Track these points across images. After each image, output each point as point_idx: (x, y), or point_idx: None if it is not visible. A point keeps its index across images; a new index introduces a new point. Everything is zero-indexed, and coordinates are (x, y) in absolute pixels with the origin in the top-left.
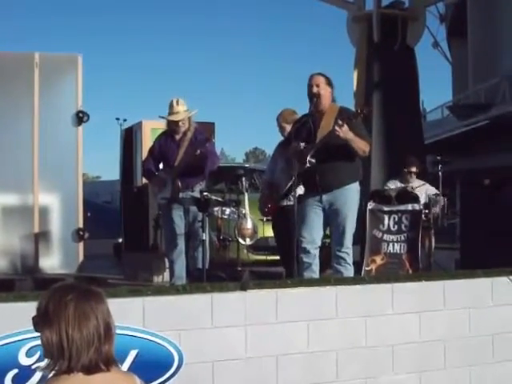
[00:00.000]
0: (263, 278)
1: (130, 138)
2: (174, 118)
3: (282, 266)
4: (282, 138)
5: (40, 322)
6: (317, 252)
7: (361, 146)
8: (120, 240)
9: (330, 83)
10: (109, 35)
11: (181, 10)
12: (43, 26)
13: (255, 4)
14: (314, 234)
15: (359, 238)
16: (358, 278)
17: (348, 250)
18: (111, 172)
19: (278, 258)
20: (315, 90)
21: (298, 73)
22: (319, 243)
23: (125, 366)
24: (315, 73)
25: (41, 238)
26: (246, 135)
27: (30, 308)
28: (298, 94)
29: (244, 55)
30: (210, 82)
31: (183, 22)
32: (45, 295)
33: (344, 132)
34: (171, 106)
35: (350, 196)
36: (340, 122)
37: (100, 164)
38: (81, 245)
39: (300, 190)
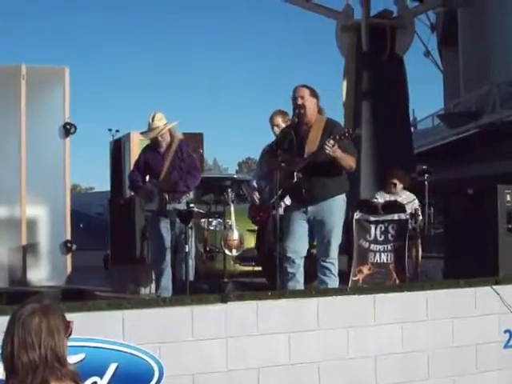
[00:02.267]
0: (249, 289)
1: (118, 149)
2: (150, 135)
3: (264, 277)
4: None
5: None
6: (301, 262)
7: (349, 162)
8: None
9: (314, 94)
10: (101, 46)
11: (170, 23)
12: (33, 37)
13: (244, 13)
14: (298, 245)
15: (346, 248)
16: (340, 290)
17: (333, 261)
18: (104, 183)
19: None
20: (300, 101)
21: (290, 83)
22: (304, 253)
23: (104, 380)
24: (299, 85)
25: (28, 250)
26: (239, 145)
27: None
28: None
29: (237, 65)
30: (204, 91)
31: (172, 37)
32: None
33: (333, 151)
34: (148, 122)
35: (335, 207)
36: (332, 142)
37: (93, 175)
38: (69, 257)
39: (287, 201)
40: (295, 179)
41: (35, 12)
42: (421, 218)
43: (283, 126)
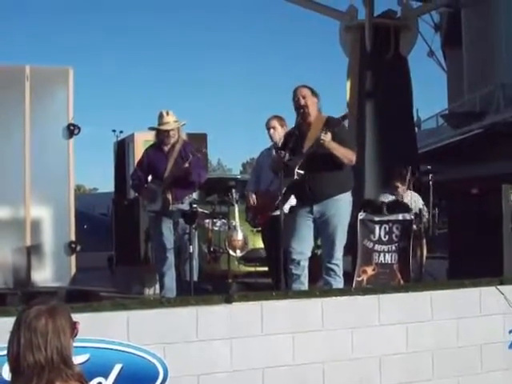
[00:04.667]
0: (253, 289)
1: (122, 150)
2: (164, 127)
3: (271, 278)
4: (268, 146)
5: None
6: (306, 263)
7: (345, 153)
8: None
9: (315, 94)
10: (104, 48)
11: (173, 24)
12: (36, 39)
13: (247, 12)
14: (303, 246)
15: (350, 249)
16: (344, 290)
17: (338, 262)
18: (108, 184)
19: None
20: (302, 101)
21: (294, 84)
22: (309, 254)
23: (109, 381)
24: (300, 85)
25: (33, 251)
26: (242, 146)
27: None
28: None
29: (240, 65)
30: (207, 92)
31: (175, 37)
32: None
33: (328, 141)
34: (161, 116)
35: (340, 207)
36: (325, 130)
37: (97, 176)
38: (73, 257)
39: (292, 201)
40: (295, 176)
41: (39, 12)
42: (425, 218)
43: (279, 128)
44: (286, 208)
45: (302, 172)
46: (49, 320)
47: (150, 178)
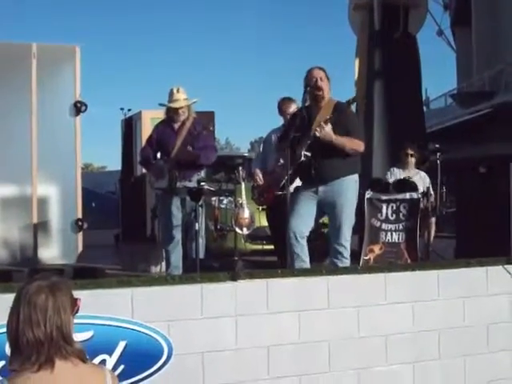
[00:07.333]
0: (259, 267)
1: (129, 128)
2: (174, 104)
3: (276, 256)
4: (274, 127)
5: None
6: (305, 242)
7: (351, 145)
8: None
9: (328, 77)
10: (111, 27)
11: (182, 1)
12: (42, 16)
13: None
14: (302, 225)
15: (358, 228)
16: (351, 268)
17: (346, 244)
18: (117, 162)
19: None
20: (319, 83)
21: (301, 62)
22: (307, 233)
23: (113, 358)
24: (315, 66)
25: (39, 228)
26: (251, 124)
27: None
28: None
29: (248, 44)
30: (215, 70)
31: (184, 14)
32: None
33: (324, 134)
34: (172, 93)
35: (347, 187)
36: (322, 124)
37: (106, 154)
38: (80, 235)
39: (298, 182)
40: (302, 158)
41: None
42: (433, 196)
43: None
44: (292, 189)
45: (308, 154)
46: (49, 296)
47: (158, 154)
